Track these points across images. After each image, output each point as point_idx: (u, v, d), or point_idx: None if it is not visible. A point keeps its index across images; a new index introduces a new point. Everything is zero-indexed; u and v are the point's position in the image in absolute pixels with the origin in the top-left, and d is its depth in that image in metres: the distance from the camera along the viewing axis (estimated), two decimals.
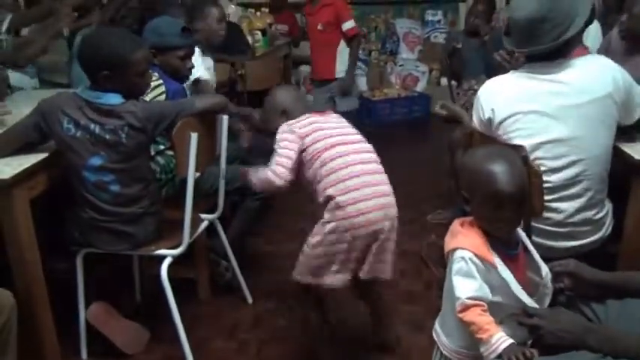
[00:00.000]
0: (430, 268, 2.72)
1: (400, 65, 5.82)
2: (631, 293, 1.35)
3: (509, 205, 1.30)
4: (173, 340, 2.08)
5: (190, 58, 2.36)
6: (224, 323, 2.37)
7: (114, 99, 1.82)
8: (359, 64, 4.96)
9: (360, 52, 4.76)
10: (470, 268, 1.30)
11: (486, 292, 1.31)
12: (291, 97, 2.07)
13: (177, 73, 2.33)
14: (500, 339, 1.24)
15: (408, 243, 2.92)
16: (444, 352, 1.46)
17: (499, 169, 1.30)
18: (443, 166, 3.25)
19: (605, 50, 2.74)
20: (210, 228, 2.36)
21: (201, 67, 2.70)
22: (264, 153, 2.80)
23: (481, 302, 1.29)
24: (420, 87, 5.81)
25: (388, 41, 5.82)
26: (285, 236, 2.97)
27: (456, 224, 1.43)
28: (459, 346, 1.41)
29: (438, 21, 5.75)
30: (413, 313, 2.38)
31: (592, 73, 1.71)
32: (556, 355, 1.24)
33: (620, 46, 2.46)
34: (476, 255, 1.31)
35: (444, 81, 5.01)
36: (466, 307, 1.29)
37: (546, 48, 1.69)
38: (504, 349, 1.22)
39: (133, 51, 1.84)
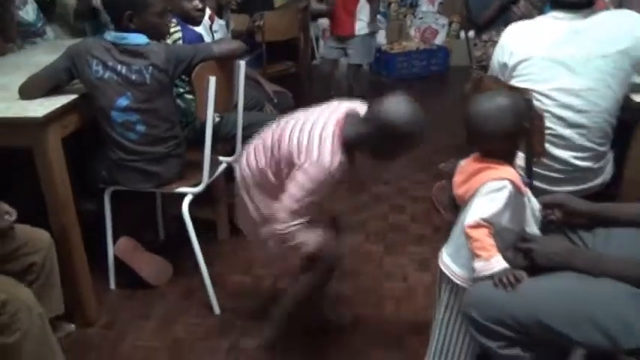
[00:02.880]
0: (440, 211, 2.83)
1: (420, 18, 5.79)
2: (617, 222, 1.44)
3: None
4: (194, 274, 2.25)
5: None
6: (241, 260, 2.52)
7: (139, 39, 1.93)
8: (378, 17, 4.96)
9: (380, 5, 4.76)
10: (501, 195, 1.39)
11: (500, 220, 1.40)
12: None
13: (189, 16, 2.43)
14: (499, 261, 1.35)
15: (420, 190, 3.04)
16: (456, 281, 1.52)
17: (485, 107, 1.41)
18: (459, 117, 3.30)
19: None
20: (230, 173, 2.48)
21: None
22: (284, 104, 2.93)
23: (490, 225, 1.39)
24: (439, 40, 5.79)
25: None
26: None
27: (468, 164, 1.51)
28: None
29: None
30: (421, 254, 2.50)
31: (612, 27, 1.74)
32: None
33: None
34: (513, 183, 1.40)
35: (463, 34, 4.99)
36: (478, 225, 1.39)
37: None
38: (498, 271, 1.34)
39: None
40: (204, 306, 2.21)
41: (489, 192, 1.40)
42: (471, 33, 3.80)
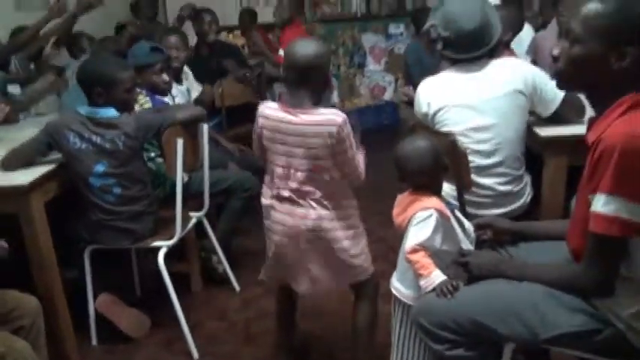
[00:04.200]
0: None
1: (368, 77, 6.22)
2: (536, 237, 1.71)
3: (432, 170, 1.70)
4: (171, 324, 2.41)
5: (163, 72, 2.69)
6: (215, 308, 2.69)
7: (110, 112, 2.18)
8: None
9: (331, 67, 5.15)
10: (429, 223, 1.64)
11: (433, 244, 1.65)
12: None
13: (157, 88, 2.70)
14: (438, 275, 1.59)
15: (377, 230, 3.29)
16: (407, 302, 1.75)
17: (407, 149, 1.74)
18: None
19: (534, 47, 3.18)
20: (200, 229, 2.68)
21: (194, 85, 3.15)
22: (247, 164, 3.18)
23: (425, 248, 1.64)
24: (388, 96, 6.22)
25: (356, 55, 6.22)
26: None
27: (403, 198, 1.78)
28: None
29: (401, 33, 6.19)
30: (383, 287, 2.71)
31: (505, 73, 2.06)
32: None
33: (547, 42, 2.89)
34: (437, 211, 1.66)
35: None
36: (415, 251, 1.64)
37: (482, 53, 2.05)
38: (439, 283, 1.57)
39: (120, 71, 2.21)
40: (183, 353, 2.35)
41: (419, 221, 1.66)
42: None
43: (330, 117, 1.79)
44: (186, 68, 3.36)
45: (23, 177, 2.03)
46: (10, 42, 3.28)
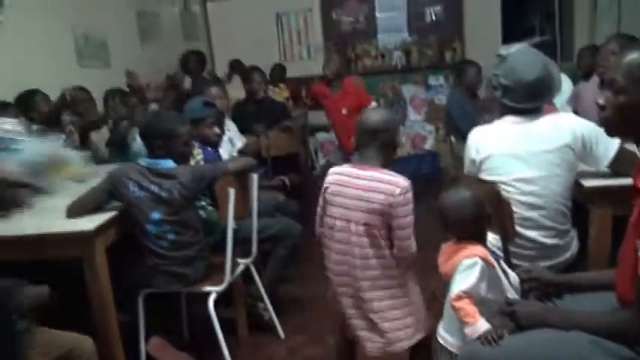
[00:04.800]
0: (439, 298, 3.06)
1: (408, 126, 6.33)
2: (582, 289, 1.72)
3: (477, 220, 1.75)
4: None
5: (215, 126, 2.88)
6: (261, 355, 2.74)
7: (169, 163, 2.32)
8: None
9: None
10: (474, 270, 1.68)
11: (479, 291, 1.69)
12: None
13: (209, 140, 2.86)
14: (483, 324, 1.62)
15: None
16: (453, 350, 1.77)
17: (449, 199, 1.79)
18: None
19: (576, 98, 3.23)
20: (248, 276, 2.77)
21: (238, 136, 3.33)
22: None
23: (471, 296, 1.67)
24: (428, 145, 6.30)
25: (396, 105, 6.37)
26: (311, 281, 3.31)
27: (448, 247, 1.83)
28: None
29: (440, 84, 6.31)
30: None
31: (555, 127, 2.11)
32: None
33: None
34: (483, 259, 1.71)
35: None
36: (460, 298, 1.67)
37: (539, 104, 2.12)
38: (484, 331, 1.60)
39: (179, 125, 2.38)
40: None
41: (465, 269, 1.70)
42: (452, 138, 4.27)
43: (395, 179, 1.97)
44: (228, 120, 3.54)
45: (89, 223, 2.17)
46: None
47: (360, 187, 2.00)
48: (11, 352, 1.74)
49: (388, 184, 1.96)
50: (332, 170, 2.14)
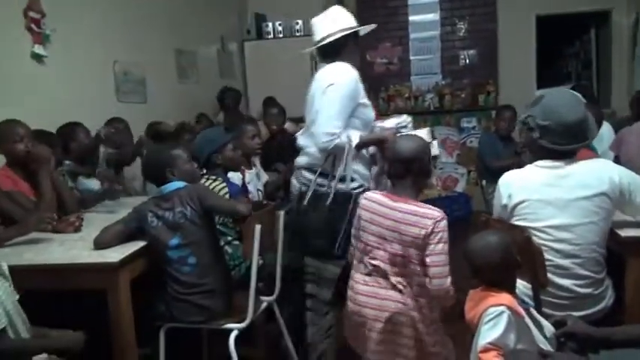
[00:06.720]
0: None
1: (440, 168, 6.27)
2: (619, 344, 1.63)
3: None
4: None
5: (237, 149, 2.96)
6: None
7: (174, 185, 2.38)
8: None
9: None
10: (501, 320, 1.62)
11: (507, 342, 1.61)
12: None
13: (236, 164, 2.95)
14: None
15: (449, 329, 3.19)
16: None
17: (476, 245, 1.76)
18: None
19: (619, 142, 3.17)
20: (268, 314, 2.73)
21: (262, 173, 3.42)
22: None
23: (499, 348, 1.60)
24: (460, 187, 6.22)
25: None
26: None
27: (475, 293, 1.77)
28: None
29: (473, 127, 6.27)
30: None
31: (592, 173, 2.05)
32: None
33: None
34: (509, 308, 1.64)
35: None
36: (486, 350, 1.60)
37: (578, 147, 2.06)
38: None
39: (172, 149, 2.49)
40: None
41: (490, 318, 1.63)
42: (484, 182, 4.22)
43: (428, 211, 1.97)
44: (255, 157, 3.59)
45: (115, 254, 2.19)
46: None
47: (394, 218, 2.00)
48: None
49: (422, 217, 1.96)
50: (365, 195, 2.16)
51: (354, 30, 2.54)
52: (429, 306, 2.03)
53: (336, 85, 2.40)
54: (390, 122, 2.66)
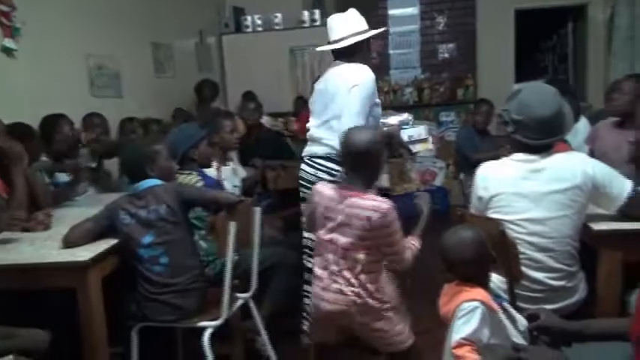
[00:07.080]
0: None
1: (419, 162, 6.28)
2: (592, 338, 1.64)
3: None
4: None
5: (215, 144, 2.99)
6: None
7: (150, 182, 2.34)
8: None
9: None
10: (475, 315, 1.62)
11: (481, 337, 1.62)
12: None
13: (209, 159, 2.95)
14: None
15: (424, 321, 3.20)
16: None
17: (450, 239, 1.77)
18: None
19: (594, 136, 3.21)
20: (245, 310, 2.70)
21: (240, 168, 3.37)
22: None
23: (472, 343, 1.60)
24: (439, 181, 6.24)
25: None
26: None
27: (449, 288, 1.77)
28: None
29: (452, 121, 6.30)
30: None
31: (566, 167, 2.05)
32: None
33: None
34: (483, 303, 1.64)
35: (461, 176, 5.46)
36: (460, 345, 1.60)
37: (551, 141, 2.06)
38: None
39: (153, 144, 2.44)
40: None
41: (464, 314, 1.63)
42: (462, 175, 4.24)
43: (375, 204, 1.95)
44: (232, 152, 3.56)
45: (85, 252, 2.14)
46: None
47: (344, 213, 2.04)
48: None
49: (369, 210, 1.98)
50: (317, 189, 2.19)
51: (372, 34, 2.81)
52: (380, 290, 2.08)
53: (360, 86, 2.64)
54: (393, 119, 3.00)
